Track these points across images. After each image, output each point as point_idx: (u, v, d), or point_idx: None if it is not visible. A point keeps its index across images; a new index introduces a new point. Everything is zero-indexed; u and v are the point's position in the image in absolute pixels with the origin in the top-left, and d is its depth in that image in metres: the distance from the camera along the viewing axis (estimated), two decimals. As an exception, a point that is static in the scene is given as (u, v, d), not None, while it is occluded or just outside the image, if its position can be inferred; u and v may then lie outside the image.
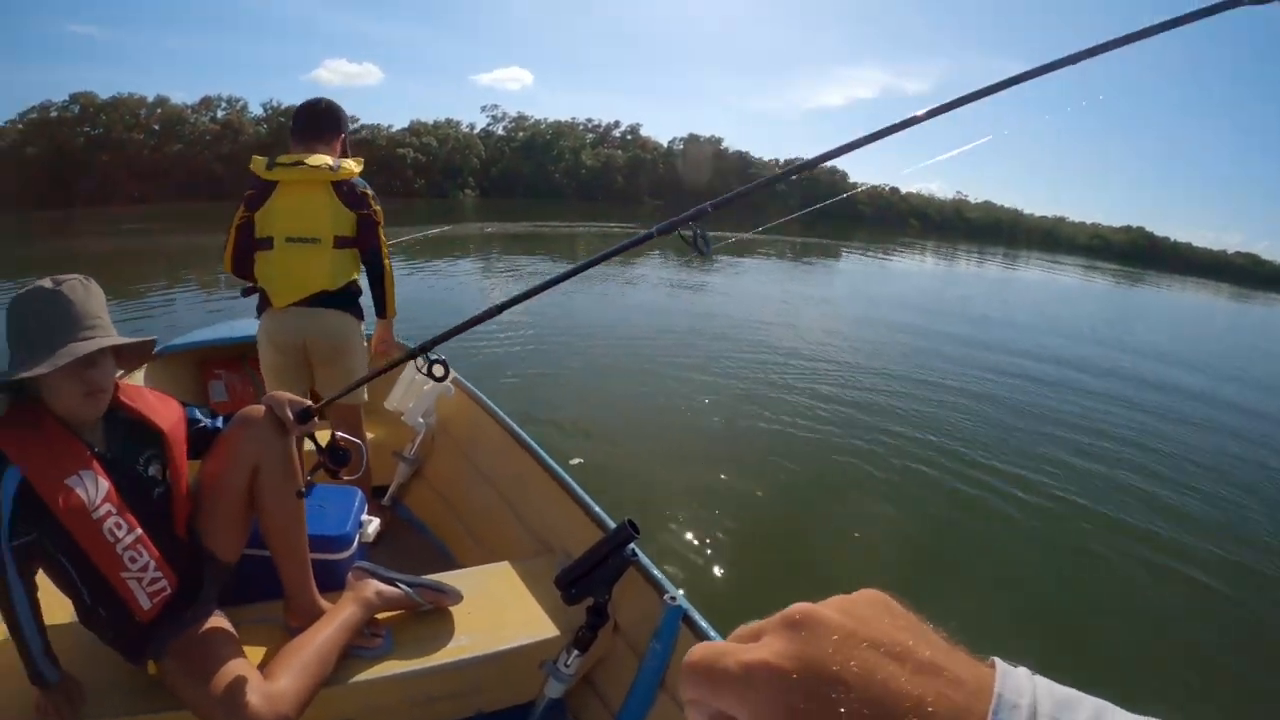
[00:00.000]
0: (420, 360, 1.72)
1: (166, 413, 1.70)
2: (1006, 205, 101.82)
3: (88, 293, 1.50)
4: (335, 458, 1.79)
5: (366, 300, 2.86)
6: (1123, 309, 23.85)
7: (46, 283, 1.47)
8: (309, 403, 1.77)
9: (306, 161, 2.58)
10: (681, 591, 1.95)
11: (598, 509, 2.31)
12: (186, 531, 1.71)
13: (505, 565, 2.27)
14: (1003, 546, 4.45)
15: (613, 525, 2.06)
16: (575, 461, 4.51)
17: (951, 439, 6.07)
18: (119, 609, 1.54)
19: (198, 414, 1.81)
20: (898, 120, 1.39)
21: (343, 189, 2.63)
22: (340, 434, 1.83)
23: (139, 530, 1.52)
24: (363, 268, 2.79)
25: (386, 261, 2.79)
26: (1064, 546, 4.51)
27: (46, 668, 1.49)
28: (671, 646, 1.89)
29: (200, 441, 1.78)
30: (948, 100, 1.37)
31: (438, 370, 1.71)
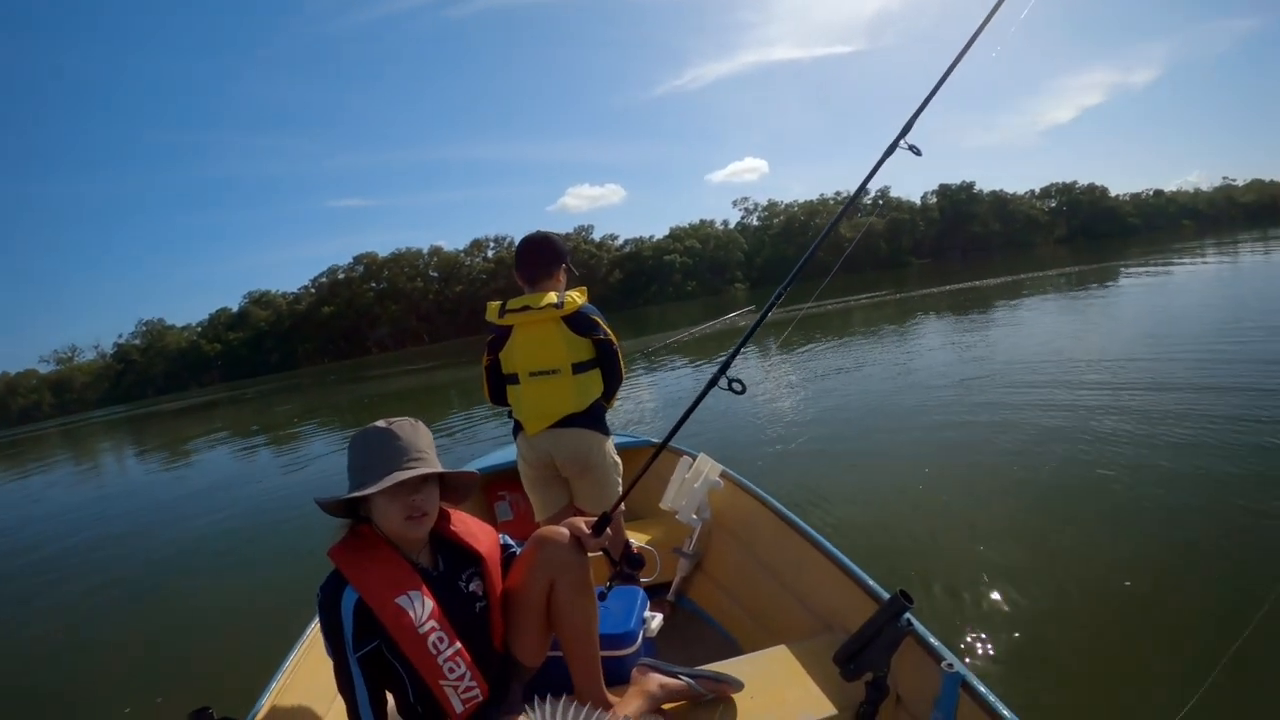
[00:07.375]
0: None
1: (484, 537, 1.91)
2: (1277, 179, 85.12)
3: (415, 431, 1.70)
4: (631, 562, 1.94)
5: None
6: None
7: (381, 422, 1.69)
8: (596, 517, 1.97)
9: (534, 305, 2.84)
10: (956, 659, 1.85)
11: (871, 582, 2.28)
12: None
13: (784, 648, 2.28)
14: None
15: (886, 596, 2.05)
16: (843, 532, 4.37)
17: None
18: (435, 709, 1.71)
19: (509, 540, 2.02)
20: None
21: (572, 320, 2.86)
22: (634, 541, 1.99)
23: (458, 644, 1.69)
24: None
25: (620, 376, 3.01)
26: None
27: None
28: (953, 715, 1.80)
29: (507, 565, 1.97)
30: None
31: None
